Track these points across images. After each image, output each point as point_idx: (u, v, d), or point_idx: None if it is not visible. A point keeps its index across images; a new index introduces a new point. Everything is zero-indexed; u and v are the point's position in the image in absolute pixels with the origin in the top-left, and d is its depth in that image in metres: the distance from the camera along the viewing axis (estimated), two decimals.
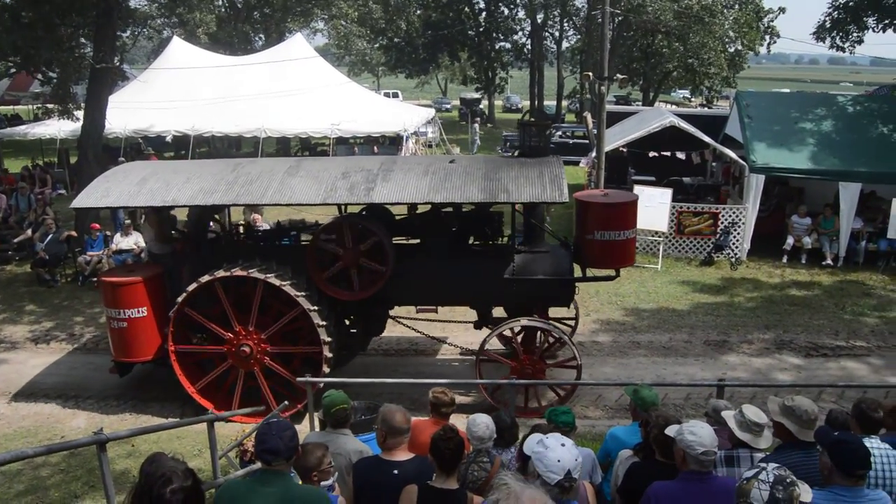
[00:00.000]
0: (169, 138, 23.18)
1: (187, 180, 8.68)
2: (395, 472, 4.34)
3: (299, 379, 8.01)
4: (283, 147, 28.91)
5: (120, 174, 9.17)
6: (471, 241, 9.54)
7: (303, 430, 7.65)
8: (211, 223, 10.07)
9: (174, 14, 36.08)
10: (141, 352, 9.03)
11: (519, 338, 9.30)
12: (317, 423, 7.44)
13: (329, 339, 8.59)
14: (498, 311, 10.14)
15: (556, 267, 9.06)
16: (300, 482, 4.01)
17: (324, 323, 8.52)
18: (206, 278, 8.51)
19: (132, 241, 14.12)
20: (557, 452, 3.28)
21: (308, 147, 29.28)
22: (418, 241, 9.57)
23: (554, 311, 9.82)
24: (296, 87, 23.80)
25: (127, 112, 21.06)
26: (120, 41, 20.32)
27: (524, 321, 9.07)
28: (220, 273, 8.50)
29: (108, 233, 14.87)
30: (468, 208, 9.29)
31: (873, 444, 4.56)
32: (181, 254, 9.41)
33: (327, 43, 52.13)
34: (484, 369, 9.27)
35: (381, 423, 4.52)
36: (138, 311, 8.79)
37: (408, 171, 8.69)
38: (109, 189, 8.77)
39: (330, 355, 8.66)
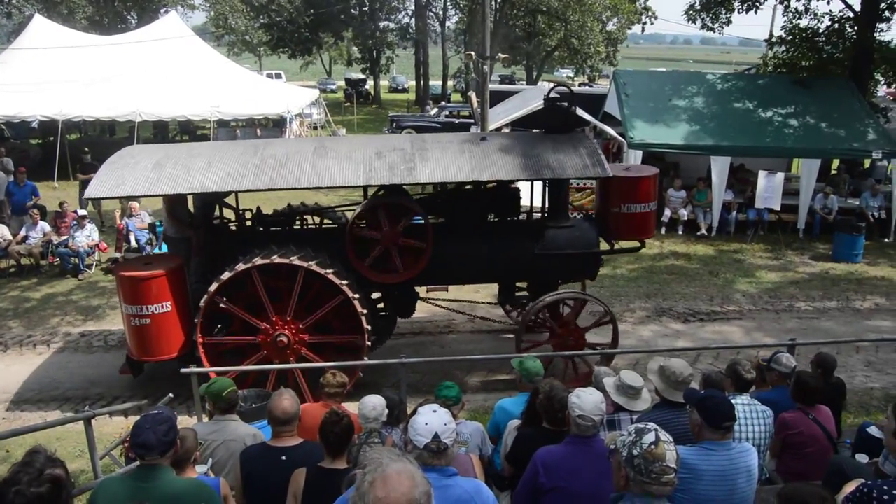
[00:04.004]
0: (35, 124, 21.83)
1: (209, 164, 8.05)
2: (283, 458, 4.29)
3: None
4: (161, 131, 27.72)
5: (128, 159, 8.31)
6: (490, 218, 9.45)
7: None
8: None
9: None
10: (166, 349, 8.30)
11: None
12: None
13: (369, 328, 8.31)
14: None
15: (584, 241, 9.11)
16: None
17: (365, 311, 8.22)
18: (241, 266, 7.97)
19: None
20: (426, 417, 3.35)
21: (188, 131, 28.08)
22: (442, 219, 9.34)
23: None
24: (172, 68, 22.84)
25: None
26: None
27: (570, 293, 9.47)
28: (259, 261, 7.98)
29: None
30: (489, 185, 9.16)
31: (742, 400, 4.88)
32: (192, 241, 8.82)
33: (205, 22, 50.22)
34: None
35: (269, 410, 4.45)
36: (162, 307, 8.06)
37: (443, 149, 8.44)
38: (124, 177, 7.93)
39: (370, 344, 8.39)
